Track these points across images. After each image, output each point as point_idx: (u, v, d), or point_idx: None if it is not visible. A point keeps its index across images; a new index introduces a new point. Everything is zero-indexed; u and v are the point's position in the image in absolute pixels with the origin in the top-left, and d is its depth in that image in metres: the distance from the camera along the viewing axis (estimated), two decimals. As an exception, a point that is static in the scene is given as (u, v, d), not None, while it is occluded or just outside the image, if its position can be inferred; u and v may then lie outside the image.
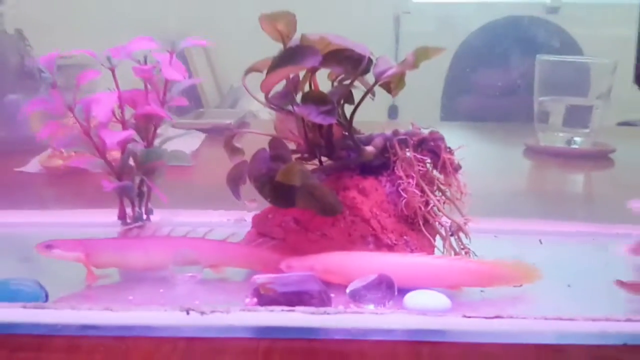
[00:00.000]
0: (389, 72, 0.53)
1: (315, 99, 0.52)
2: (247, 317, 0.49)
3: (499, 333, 0.49)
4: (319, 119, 0.52)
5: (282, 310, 0.49)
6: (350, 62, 0.52)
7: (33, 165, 1.04)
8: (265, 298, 0.51)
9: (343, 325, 0.49)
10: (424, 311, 0.50)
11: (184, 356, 0.47)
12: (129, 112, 0.60)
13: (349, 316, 0.49)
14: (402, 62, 0.53)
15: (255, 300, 0.51)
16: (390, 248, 0.58)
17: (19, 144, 1.16)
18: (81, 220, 0.75)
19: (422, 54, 0.52)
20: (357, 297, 0.52)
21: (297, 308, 0.49)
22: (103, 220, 0.70)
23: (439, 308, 0.51)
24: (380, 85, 0.55)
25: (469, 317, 0.49)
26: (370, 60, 0.53)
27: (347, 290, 0.52)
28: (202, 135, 1.25)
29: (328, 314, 0.49)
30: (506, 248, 0.66)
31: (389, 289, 0.52)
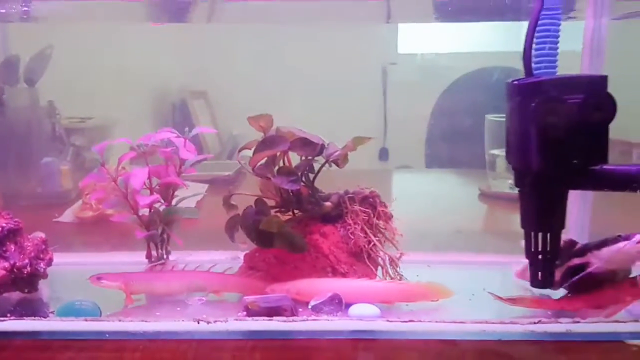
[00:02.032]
0: (335, 154, 0.77)
1: (285, 172, 0.76)
2: (239, 324, 0.71)
3: (411, 332, 0.71)
4: (288, 186, 0.75)
5: (263, 319, 0.71)
6: (309, 147, 0.76)
7: (67, 216, 1.27)
8: (252, 312, 0.73)
9: (306, 329, 0.71)
10: (361, 318, 0.72)
11: (196, 352, 0.69)
12: (155, 182, 0.83)
13: (310, 323, 0.71)
14: (344, 147, 0.77)
15: (245, 313, 0.73)
16: (344, 275, 0.80)
17: (53, 198, 1.40)
18: (112, 260, 0.98)
19: (357, 141, 0.76)
20: (316, 309, 0.74)
21: (274, 318, 0.72)
22: (127, 259, 0.93)
23: (371, 316, 0.73)
24: (332, 161, 0.79)
25: (391, 321, 0.71)
26: (322, 146, 0.77)
27: (309, 305, 0.75)
28: (205, 186, 1.48)
29: (295, 321, 0.71)
30: (434, 274, 0.88)
31: (338, 304, 0.75)
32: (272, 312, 0.73)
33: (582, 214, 0.92)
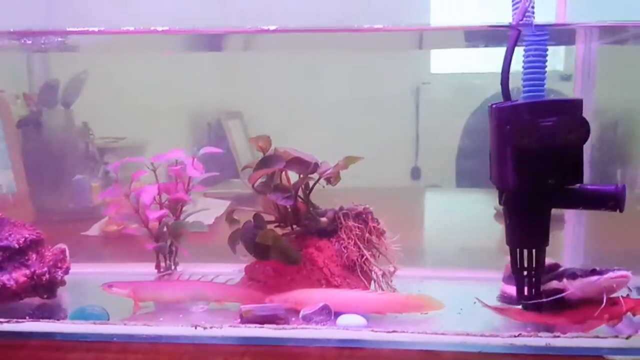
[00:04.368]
0: (328, 172, 0.82)
1: (280, 189, 0.82)
2: (232, 330, 0.76)
3: (395, 342, 0.74)
4: (282, 202, 0.81)
5: (255, 326, 0.76)
6: (303, 165, 0.82)
7: (94, 230, 1.36)
8: (245, 319, 0.78)
9: (294, 336, 0.75)
10: (347, 327, 0.76)
11: (192, 355, 0.74)
12: (164, 197, 0.90)
13: (299, 331, 0.76)
14: (336, 165, 0.82)
15: (239, 320, 0.79)
16: (337, 287, 0.85)
17: (83, 213, 1.49)
18: (131, 270, 1.04)
19: (349, 160, 0.81)
20: (306, 318, 0.79)
21: (265, 325, 0.76)
22: (145, 270, 1.00)
23: (357, 325, 0.77)
24: (324, 179, 0.84)
25: (375, 331, 0.75)
26: (316, 164, 0.82)
27: (300, 315, 0.79)
28: (226, 203, 1.54)
29: (285, 329, 0.76)
30: (426, 288, 0.91)
31: (327, 314, 0.79)
32: (267, 320, 0.78)
33: (577, 232, 0.94)
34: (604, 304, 0.70)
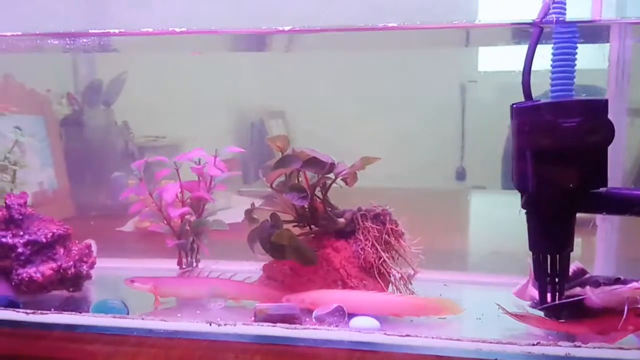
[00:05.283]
0: (344, 172, 0.81)
1: (296, 188, 0.82)
2: (246, 328, 0.77)
3: (407, 346, 0.73)
4: (297, 202, 0.81)
5: (268, 325, 0.77)
6: (319, 165, 0.81)
7: (129, 226, 1.40)
8: (259, 317, 0.78)
9: (306, 337, 0.75)
10: (359, 330, 0.75)
11: (204, 351, 0.75)
12: (187, 195, 0.91)
13: (310, 331, 0.75)
14: (353, 165, 0.81)
15: (253, 318, 0.79)
16: (353, 289, 0.84)
17: (120, 210, 1.53)
18: (159, 266, 1.07)
19: (365, 161, 0.80)
20: (319, 319, 0.78)
21: (277, 324, 0.76)
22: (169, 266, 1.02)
23: (370, 328, 0.76)
24: (341, 179, 0.83)
25: (388, 334, 0.74)
26: (332, 164, 0.82)
27: (313, 315, 0.79)
28: (258, 202, 1.56)
29: (297, 329, 0.76)
30: (449, 292, 0.89)
31: (341, 315, 0.78)
32: (282, 319, 0.78)
33: (609, 239, 0.90)
34: (625, 314, 0.66)
